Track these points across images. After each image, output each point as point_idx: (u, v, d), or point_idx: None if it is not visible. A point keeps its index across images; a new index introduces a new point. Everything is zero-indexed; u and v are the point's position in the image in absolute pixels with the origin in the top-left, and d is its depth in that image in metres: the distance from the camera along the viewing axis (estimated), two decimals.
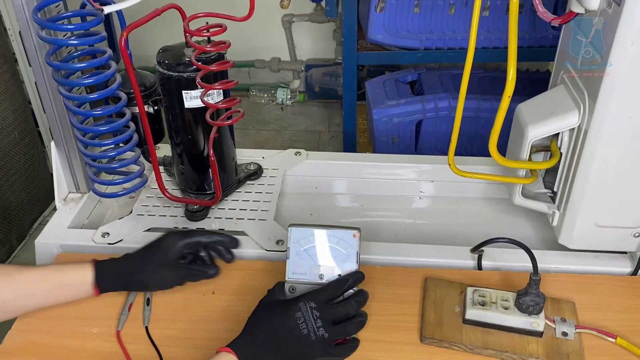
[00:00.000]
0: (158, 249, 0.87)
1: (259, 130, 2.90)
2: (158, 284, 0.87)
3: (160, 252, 0.86)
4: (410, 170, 1.21)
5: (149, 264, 0.86)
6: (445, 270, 0.95)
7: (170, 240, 0.87)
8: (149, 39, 1.79)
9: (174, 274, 0.87)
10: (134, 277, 0.87)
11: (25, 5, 0.92)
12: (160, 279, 0.87)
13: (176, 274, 0.87)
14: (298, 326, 0.76)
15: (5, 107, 1.87)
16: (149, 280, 0.87)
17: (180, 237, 0.87)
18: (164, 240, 0.87)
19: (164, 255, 0.86)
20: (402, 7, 1.89)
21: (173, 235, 0.87)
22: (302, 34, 3.02)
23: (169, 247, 0.86)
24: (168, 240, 0.87)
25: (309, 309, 0.78)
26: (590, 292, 0.91)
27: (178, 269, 0.87)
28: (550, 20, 0.88)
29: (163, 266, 0.86)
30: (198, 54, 0.95)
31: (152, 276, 0.86)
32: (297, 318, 0.77)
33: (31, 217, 2.08)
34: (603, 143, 0.86)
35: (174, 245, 0.86)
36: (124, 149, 0.99)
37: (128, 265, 0.87)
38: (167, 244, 0.86)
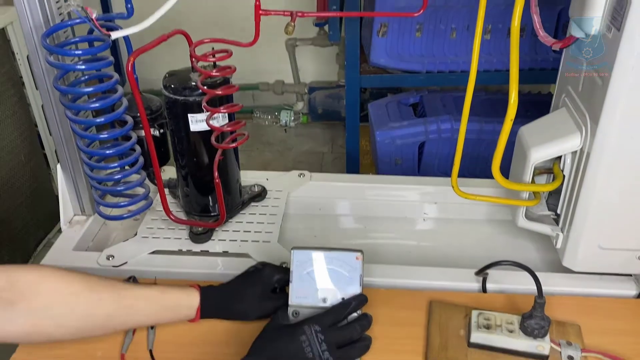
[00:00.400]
0: (259, 279, 0.89)
1: (263, 152, 2.91)
2: (258, 312, 0.88)
3: (260, 284, 0.88)
4: (414, 191, 1.21)
5: (251, 294, 0.88)
6: (449, 293, 0.94)
7: (269, 272, 0.89)
8: (154, 62, 1.81)
9: (272, 305, 0.88)
10: (236, 306, 0.88)
11: (34, 31, 0.94)
12: (260, 309, 0.88)
13: (274, 304, 0.88)
14: (303, 350, 0.76)
15: (12, 130, 1.89)
16: (250, 309, 0.88)
17: (277, 271, 0.90)
18: (263, 271, 0.90)
19: (264, 286, 0.88)
20: (404, 32, 1.92)
21: (271, 268, 0.90)
22: (306, 57, 3.05)
23: (267, 279, 0.89)
24: (266, 273, 0.89)
25: (313, 332, 0.77)
26: (596, 314, 0.91)
27: (276, 300, 0.88)
28: (551, 44, 0.89)
29: (263, 297, 0.88)
30: (204, 79, 0.96)
31: (254, 306, 0.88)
32: (302, 341, 0.77)
33: (36, 239, 2.08)
34: (605, 165, 0.86)
35: (272, 277, 0.89)
36: (129, 171, 1.00)
37: (230, 294, 0.89)
38: (266, 276, 0.89)
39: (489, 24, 1.90)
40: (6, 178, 1.88)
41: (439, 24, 1.90)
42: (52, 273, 0.80)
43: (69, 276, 0.81)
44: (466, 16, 1.89)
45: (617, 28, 0.78)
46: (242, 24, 2.03)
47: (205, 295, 0.87)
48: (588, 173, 0.88)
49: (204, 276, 0.98)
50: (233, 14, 2.55)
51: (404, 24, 1.90)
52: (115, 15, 0.97)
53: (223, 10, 2.76)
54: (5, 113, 1.85)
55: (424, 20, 1.89)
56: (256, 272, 0.90)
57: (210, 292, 0.88)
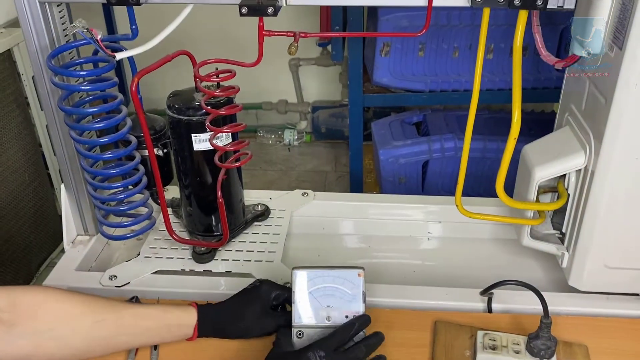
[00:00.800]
0: (257, 296, 0.88)
1: (266, 171, 2.91)
2: (259, 330, 0.88)
3: (259, 301, 0.88)
4: (418, 210, 1.21)
5: (250, 312, 0.87)
6: (454, 313, 0.94)
7: (267, 289, 0.89)
8: (158, 82, 1.83)
9: (272, 322, 0.87)
10: (235, 324, 0.87)
11: (40, 52, 0.95)
12: (261, 326, 0.87)
13: (275, 321, 0.87)
14: None
15: (17, 150, 1.90)
16: (250, 327, 0.87)
17: (275, 287, 0.89)
18: (261, 289, 0.89)
19: (262, 303, 0.88)
20: (407, 51, 1.93)
21: (269, 285, 0.89)
22: (309, 77, 3.07)
23: (266, 296, 0.88)
24: (264, 289, 0.89)
25: (318, 358, 0.77)
26: (603, 335, 0.90)
27: (276, 316, 0.88)
28: (554, 63, 0.90)
29: (262, 314, 0.87)
30: (207, 99, 0.97)
31: (254, 323, 0.87)
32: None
33: (39, 259, 2.08)
34: (610, 184, 0.86)
35: (270, 294, 0.88)
36: (133, 191, 1.00)
37: (228, 312, 0.88)
38: (264, 293, 0.88)
39: (492, 43, 1.91)
40: (10, 198, 1.88)
41: (441, 43, 1.92)
42: (54, 294, 0.80)
43: (71, 297, 0.81)
44: (468, 35, 1.90)
45: (619, 47, 0.78)
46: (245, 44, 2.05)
47: (203, 314, 0.87)
48: (593, 191, 0.87)
49: (206, 296, 0.97)
50: (237, 34, 2.57)
51: (407, 43, 1.91)
52: (120, 36, 0.98)
53: (226, 30, 2.78)
54: (10, 133, 1.86)
55: (426, 40, 1.91)
56: (254, 290, 0.89)
57: (208, 310, 0.88)
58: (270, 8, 0.82)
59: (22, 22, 0.93)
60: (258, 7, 0.83)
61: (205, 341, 0.90)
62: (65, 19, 0.98)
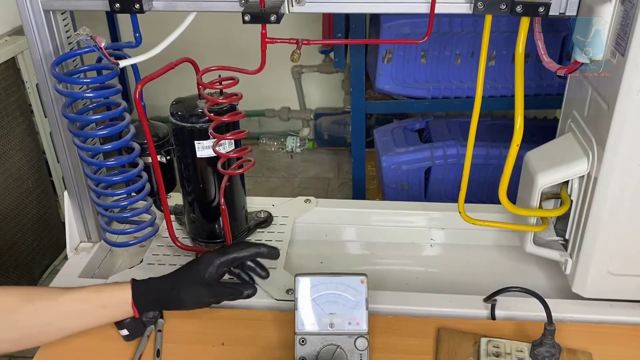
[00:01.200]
0: (195, 267, 0.87)
1: (269, 178, 2.92)
2: (193, 301, 0.87)
3: (197, 270, 0.86)
4: (421, 217, 1.21)
5: (186, 282, 0.86)
6: (458, 320, 0.93)
7: (207, 258, 0.87)
8: (161, 89, 1.83)
9: (209, 292, 0.86)
10: (170, 295, 0.86)
11: (44, 60, 0.95)
12: (195, 297, 0.86)
13: (212, 292, 0.86)
14: None
15: (20, 158, 1.91)
16: (185, 297, 0.86)
17: (217, 255, 0.87)
18: (201, 258, 0.88)
19: (201, 273, 0.86)
20: (409, 58, 1.94)
21: (210, 254, 0.88)
22: (311, 84, 3.08)
23: (206, 266, 0.86)
24: (205, 259, 0.87)
25: None
26: (608, 342, 0.89)
27: (214, 288, 0.87)
28: (556, 70, 0.90)
29: (198, 284, 0.86)
30: (210, 106, 0.97)
31: (188, 294, 0.86)
32: None
33: (42, 265, 2.08)
34: (613, 190, 0.86)
35: (210, 263, 0.86)
36: (136, 198, 1.00)
37: (165, 283, 0.87)
38: (204, 262, 0.87)
39: (494, 50, 1.91)
40: (13, 205, 1.89)
41: (443, 50, 1.92)
42: None
43: (5, 291, 0.83)
44: (470, 42, 1.90)
45: (621, 53, 0.78)
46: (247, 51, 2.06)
47: (138, 288, 0.85)
48: (596, 198, 0.87)
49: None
50: (239, 41, 2.58)
51: (409, 50, 1.92)
52: (124, 44, 0.98)
53: (229, 38, 2.79)
54: (14, 141, 1.87)
55: (428, 47, 1.91)
56: (193, 262, 0.88)
57: (143, 284, 0.86)
58: (273, 16, 0.83)
59: (27, 30, 0.93)
60: (261, 14, 0.83)
61: (207, 346, 0.90)
62: (69, 27, 0.98)
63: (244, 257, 0.88)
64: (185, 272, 0.87)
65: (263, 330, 0.93)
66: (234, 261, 0.88)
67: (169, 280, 0.87)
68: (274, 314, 0.96)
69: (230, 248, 0.89)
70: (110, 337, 0.90)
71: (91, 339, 0.91)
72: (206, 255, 0.88)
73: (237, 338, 0.92)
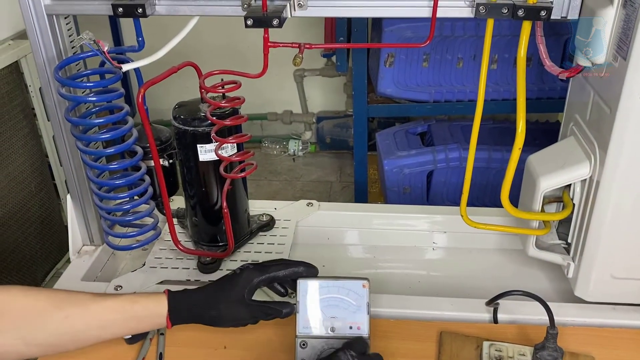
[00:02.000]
0: (234, 285, 0.85)
1: (271, 181, 2.92)
2: (231, 321, 0.85)
3: (236, 289, 0.84)
4: (423, 221, 1.21)
5: (223, 300, 0.84)
6: (460, 324, 0.93)
7: (246, 276, 0.85)
8: (164, 93, 1.84)
9: (248, 312, 0.84)
10: (207, 312, 0.84)
11: (47, 64, 0.96)
12: (233, 316, 0.84)
13: (250, 312, 0.85)
14: None
15: (24, 161, 1.91)
16: (222, 316, 0.84)
17: (256, 273, 0.86)
18: (240, 276, 0.86)
19: (239, 291, 0.84)
20: (411, 62, 1.94)
21: (249, 272, 0.86)
22: (314, 87, 3.09)
23: (245, 284, 0.84)
24: (244, 277, 0.85)
25: (350, 357, 0.75)
26: (610, 346, 0.89)
27: (252, 307, 0.85)
28: (558, 74, 0.90)
29: (237, 303, 0.84)
30: (213, 109, 0.97)
31: (226, 313, 0.84)
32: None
33: (44, 269, 2.08)
34: (615, 193, 0.86)
35: (249, 282, 0.84)
36: (138, 201, 1.01)
37: (202, 299, 0.85)
38: (243, 281, 0.85)
39: (496, 54, 1.91)
40: (16, 208, 1.89)
41: (445, 53, 1.92)
42: (19, 293, 0.81)
43: (36, 295, 0.81)
44: (472, 46, 1.90)
45: (623, 57, 0.78)
46: (249, 54, 2.07)
47: (174, 302, 0.84)
48: (598, 201, 0.87)
49: None
50: (242, 45, 2.59)
51: (411, 54, 1.92)
52: (127, 48, 0.99)
53: (232, 41, 2.80)
54: (17, 144, 1.88)
55: (430, 50, 1.91)
56: (233, 276, 0.86)
57: (180, 297, 0.85)
58: (275, 20, 0.83)
59: (30, 34, 0.94)
60: (263, 19, 0.83)
61: (209, 349, 0.90)
62: (73, 31, 0.99)
63: (284, 276, 0.87)
64: (224, 290, 0.85)
65: (264, 334, 0.93)
66: (272, 280, 0.86)
67: (206, 296, 0.86)
68: None
69: (269, 267, 0.87)
70: (113, 341, 0.90)
71: None
72: (245, 273, 0.86)
73: (238, 341, 0.92)
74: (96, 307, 0.82)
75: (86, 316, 0.82)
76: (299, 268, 0.87)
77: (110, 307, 0.83)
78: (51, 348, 0.82)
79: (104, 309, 0.83)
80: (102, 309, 0.83)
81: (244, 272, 0.86)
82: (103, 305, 0.83)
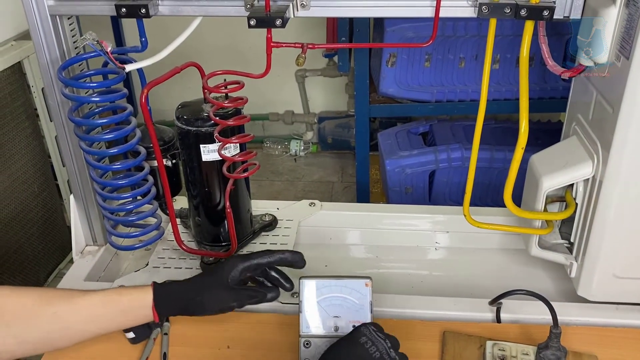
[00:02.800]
0: (217, 271, 0.86)
1: (273, 181, 2.92)
2: (215, 305, 0.85)
3: (220, 275, 0.86)
4: (425, 220, 1.21)
5: (208, 286, 0.85)
6: (463, 324, 0.93)
7: (230, 263, 0.86)
8: (167, 93, 1.84)
9: (230, 296, 0.85)
10: (192, 300, 0.85)
11: (50, 64, 0.96)
12: (217, 300, 0.85)
13: (233, 296, 0.85)
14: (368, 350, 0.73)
15: (26, 161, 1.92)
16: (207, 302, 0.85)
17: (239, 260, 0.87)
18: (224, 263, 0.87)
19: (223, 277, 0.85)
20: (413, 62, 1.94)
21: (233, 259, 0.87)
22: (315, 87, 3.09)
23: (228, 270, 0.85)
24: (228, 263, 0.87)
25: (372, 331, 0.75)
26: (614, 346, 0.89)
27: (236, 291, 0.86)
28: (560, 73, 0.90)
29: (221, 289, 0.85)
30: (216, 110, 0.97)
31: (211, 298, 0.85)
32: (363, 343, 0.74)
33: (47, 269, 2.09)
34: (618, 193, 0.86)
35: (233, 268, 0.85)
36: (141, 202, 1.01)
37: (187, 288, 0.86)
38: (227, 267, 0.86)
39: (498, 54, 1.91)
40: (19, 208, 1.90)
41: (447, 53, 1.92)
42: (9, 292, 0.81)
43: (26, 293, 0.82)
44: (474, 46, 1.90)
45: (626, 57, 0.78)
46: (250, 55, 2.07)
47: (159, 292, 0.84)
48: (601, 201, 0.87)
49: None
50: (244, 45, 2.59)
51: (413, 54, 1.92)
52: (130, 48, 0.99)
53: (234, 42, 2.80)
54: (20, 145, 1.88)
55: (432, 50, 1.91)
56: (216, 266, 0.87)
57: (165, 287, 0.85)
58: (278, 20, 0.83)
59: (33, 34, 0.94)
60: (266, 19, 0.83)
61: (213, 349, 0.90)
62: (76, 31, 0.99)
63: (268, 262, 0.87)
64: (207, 276, 0.87)
65: (268, 333, 0.93)
66: (257, 267, 0.87)
67: (190, 285, 0.86)
68: (279, 316, 0.96)
69: (253, 254, 0.88)
70: (117, 340, 0.90)
71: (97, 342, 0.91)
72: (229, 260, 0.87)
73: (242, 341, 0.92)
74: (83, 302, 0.83)
75: (75, 311, 0.82)
76: (284, 254, 0.88)
77: (98, 301, 0.84)
78: (43, 345, 0.82)
79: (91, 303, 0.83)
80: (89, 303, 0.83)
81: (228, 259, 0.88)
82: (90, 299, 0.83)
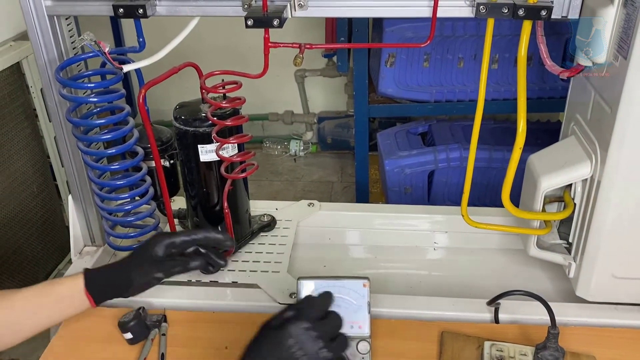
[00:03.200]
0: (143, 247, 0.86)
1: (272, 182, 2.92)
2: (142, 279, 0.85)
3: (145, 249, 0.86)
4: (424, 221, 1.21)
5: (134, 262, 0.86)
6: (461, 324, 0.93)
7: (155, 239, 0.87)
8: (164, 93, 1.84)
9: (156, 267, 0.85)
10: (121, 277, 0.85)
11: (49, 65, 0.96)
12: (143, 274, 0.85)
13: (159, 266, 0.85)
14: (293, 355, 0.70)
15: (25, 162, 1.92)
16: (133, 277, 0.85)
17: (166, 236, 0.87)
18: (150, 239, 0.87)
19: (148, 251, 0.85)
20: (412, 62, 1.94)
21: (159, 235, 0.87)
22: (315, 87, 3.09)
23: (153, 244, 0.85)
24: (153, 239, 0.87)
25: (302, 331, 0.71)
26: (612, 346, 0.89)
27: (161, 263, 0.85)
28: (559, 73, 0.90)
29: (148, 263, 0.85)
30: (214, 110, 0.97)
31: (135, 271, 0.85)
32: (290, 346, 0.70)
33: (46, 269, 2.08)
34: (616, 193, 0.86)
35: (157, 243, 0.85)
36: (139, 202, 1.01)
37: (115, 268, 0.87)
38: (152, 242, 0.86)
39: (496, 54, 1.91)
40: (18, 209, 1.90)
41: (446, 53, 1.92)
42: None
43: None
44: (473, 46, 1.90)
45: (623, 57, 0.78)
46: (250, 55, 2.07)
47: (90, 276, 0.84)
48: (599, 201, 0.87)
49: (213, 307, 0.97)
50: (242, 46, 2.59)
51: (412, 54, 1.92)
52: (128, 48, 0.99)
53: (232, 42, 2.80)
54: (18, 145, 1.88)
55: (431, 50, 1.91)
56: (142, 243, 0.87)
57: (95, 271, 0.86)
58: (275, 20, 0.83)
59: (31, 35, 0.94)
60: (264, 19, 0.83)
61: (211, 349, 0.90)
62: (74, 32, 0.99)
63: (193, 239, 0.87)
64: (133, 254, 0.87)
65: None
66: (183, 243, 0.86)
67: (118, 264, 0.87)
68: None
69: (181, 231, 0.87)
70: (114, 341, 0.90)
71: (94, 342, 0.91)
72: (154, 236, 0.87)
73: (240, 342, 0.91)
74: (20, 296, 0.83)
75: (9, 308, 0.83)
76: (210, 233, 0.88)
77: (33, 293, 0.84)
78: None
79: (27, 296, 0.84)
80: (25, 297, 0.84)
81: (155, 236, 0.87)
82: (26, 293, 0.84)
